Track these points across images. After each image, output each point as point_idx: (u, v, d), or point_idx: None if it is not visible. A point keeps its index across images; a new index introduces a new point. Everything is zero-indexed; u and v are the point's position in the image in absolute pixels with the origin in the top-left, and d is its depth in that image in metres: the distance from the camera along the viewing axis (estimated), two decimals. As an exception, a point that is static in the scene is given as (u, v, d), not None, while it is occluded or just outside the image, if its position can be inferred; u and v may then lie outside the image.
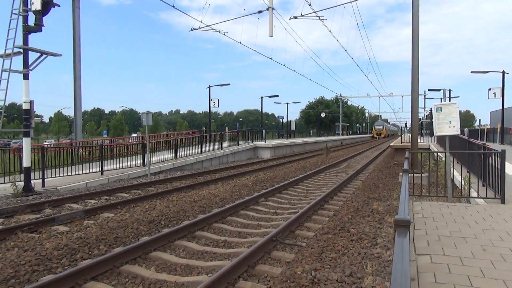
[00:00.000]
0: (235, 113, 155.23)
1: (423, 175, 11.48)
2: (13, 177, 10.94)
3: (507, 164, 6.74)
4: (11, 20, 10.41)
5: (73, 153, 16.35)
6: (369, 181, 12.98)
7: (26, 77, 10.50)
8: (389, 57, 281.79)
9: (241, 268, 4.66)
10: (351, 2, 17.87)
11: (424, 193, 8.91)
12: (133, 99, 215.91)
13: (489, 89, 23.66)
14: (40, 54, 10.82)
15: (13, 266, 4.86)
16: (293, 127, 55.74)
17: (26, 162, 10.47)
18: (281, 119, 58.48)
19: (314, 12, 17.73)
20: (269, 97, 44.59)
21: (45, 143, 36.56)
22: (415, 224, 5.01)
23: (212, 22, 28.60)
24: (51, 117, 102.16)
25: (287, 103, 54.56)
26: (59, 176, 12.40)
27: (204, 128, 36.75)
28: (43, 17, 10.53)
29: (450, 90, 31.98)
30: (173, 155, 17.60)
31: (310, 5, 17.07)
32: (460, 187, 8.14)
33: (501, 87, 23.14)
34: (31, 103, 10.61)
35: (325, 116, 72.39)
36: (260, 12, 17.62)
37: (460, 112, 9.37)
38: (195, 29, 19.60)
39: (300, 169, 17.01)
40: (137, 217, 7.52)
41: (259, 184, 12.20)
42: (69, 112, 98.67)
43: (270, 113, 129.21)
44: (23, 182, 10.38)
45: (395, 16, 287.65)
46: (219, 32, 19.62)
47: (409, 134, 26.02)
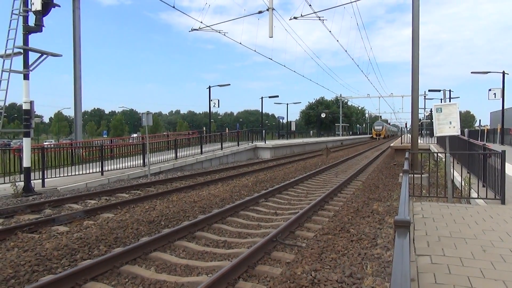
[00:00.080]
0: (235, 114, 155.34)
1: (423, 175, 11.49)
2: (13, 177, 10.94)
3: (507, 164, 6.74)
4: (11, 21, 10.42)
5: (73, 154, 16.36)
6: (369, 181, 12.97)
7: (26, 77, 10.51)
8: (389, 58, 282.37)
9: (241, 269, 4.66)
10: (351, 2, 17.90)
11: (424, 193, 8.92)
12: (133, 99, 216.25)
13: (489, 90, 23.67)
14: (40, 54, 10.83)
15: (13, 266, 4.86)
16: (293, 128, 55.81)
17: (26, 162, 10.48)
18: (281, 120, 58.57)
19: (314, 13, 17.75)
20: (269, 97, 44.63)
21: (45, 143, 36.57)
22: (415, 225, 5.01)
23: (212, 23, 28.61)
24: (51, 117, 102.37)
25: (287, 104, 54.65)
26: (59, 177, 12.40)
27: (204, 129, 36.76)
28: (43, 18, 10.53)
29: (450, 91, 32.01)
30: (173, 155, 17.60)
31: (310, 5, 17.10)
32: (460, 188, 8.14)
33: (501, 87, 23.14)
34: (31, 103, 10.62)
35: (325, 116, 72.48)
36: (260, 12, 17.65)
37: (460, 112, 9.38)
38: (195, 29, 19.61)
39: (300, 169, 17.01)
40: (137, 217, 7.52)
41: (259, 185, 12.20)
42: (69, 113, 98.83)
43: (270, 114, 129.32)
44: (23, 182, 10.39)
45: (395, 17, 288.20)
46: (219, 32, 19.66)
47: (409, 135, 26.03)
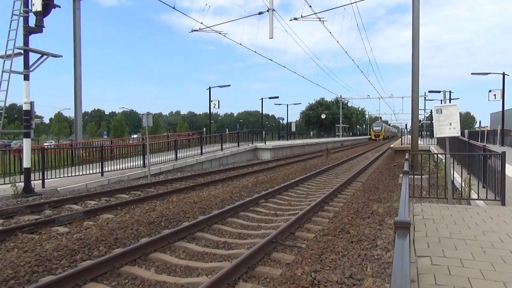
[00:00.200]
0: (235, 114, 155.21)
1: (423, 176, 11.47)
2: (13, 178, 10.95)
3: (507, 166, 6.74)
4: (11, 21, 10.42)
5: (73, 154, 16.36)
6: (369, 182, 12.97)
7: (26, 78, 10.51)
8: (390, 59, 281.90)
9: (241, 270, 4.65)
10: (352, 3, 17.92)
11: (424, 194, 8.92)
12: (134, 100, 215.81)
13: (490, 91, 23.67)
14: (40, 55, 10.83)
15: (12, 267, 4.86)
16: (293, 129, 55.84)
17: (26, 163, 10.48)
18: (281, 121, 58.56)
19: (315, 14, 17.75)
20: (269, 98, 44.62)
21: (45, 144, 36.57)
22: (415, 226, 5.01)
23: (213, 24, 28.61)
24: (51, 118, 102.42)
25: (287, 105, 54.62)
26: (59, 177, 12.40)
27: (204, 129, 36.77)
28: (44, 18, 10.55)
29: (450, 92, 31.97)
30: (173, 156, 17.60)
31: (311, 6, 17.10)
32: (460, 189, 8.13)
33: (502, 88, 23.15)
34: (32, 104, 10.62)
35: (325, 117, 72.50)
36: (260, 13, 17.64)
37: (460, 113, 9.38)
38: (195, 30, 19.61)
39: (300, 170, 17.00)
40: (137, 218, 7.51)
41: (259, 186, 12.20)
42: (70, 113, 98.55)
43: (270, 115, 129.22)
44: (23, 183, 10.39)
45: (395, 18, 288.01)
46: (220, 33, 19.66)
47: (409, 136, 26.02)
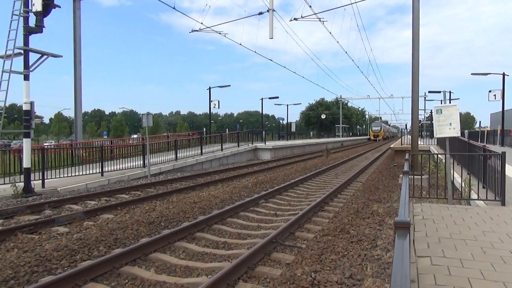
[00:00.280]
0: (235, 115, 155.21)
1: (423, 177, 11.48)
2: (13, 178, 10.95)
3: (507, 166, 6.74)
4: (11, 21, 10.43)
5: (73, 154, 16.36)
6: (369, 182, 12.97)
7: (26, 78, 10.51)
8: (390, 59, 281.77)
9: (241, 270, 4.65)
10: (352, 4, 17.91)
11: (424, 195, 8.92)
12: (134, 100, 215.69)
13: (490, 91, 23.66)
14: (40, 55, 10.83)
15: (12, 267, 4.86)
16: (293, 129, 55.80)
17: (26, 163, 10.48)
18: (281, 121, 58.53)
19: (315, 14, 17.75)
20: (269, 98, 44.58)
21: (45, 144, 36.57)
22: (415, 226, 5.01)
23: (213, 24, 28.63)
24: (51, 118, 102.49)
25: (287, 105, 54.58)
26: (59, 177, 12.40)
27: (204, 129, 36.77)
28: (44, 18, 10.55)
29: (450, 92, 31.97)
30: (173, 156, 17.60)
31: (311, 6, 17.10)
32: (460, 189, 8.13)
33: (502, 89, 23.14)
34: (32, 104, 10.62)
35: (325, 117, 72.48)
36: (260, 13, 17.63)
37: (460, 114, 9.38)
38: (195, 30, 19.61)
39: (300, 170, 17.00)
40: (137, 218, 7.51)
41: (259, 186, 12.20)
42: (70, 113, 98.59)
43: (270, 115, 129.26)
44: (23, 183, 10.39)
45: (395, 18, 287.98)
46: (220, 33, 19.67)
47: (409, 136, 26.03)
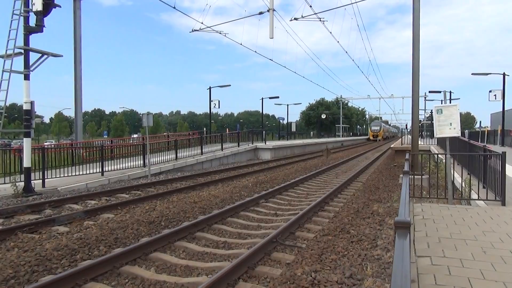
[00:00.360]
0: (235, 114, 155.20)
1: (423, 177, 11.47)
2: (13, 177, 10.95)
3: (507, 166, 6.73)
4: (12, 21, 10.43)
5: (74, 154, 16.37)
6: (370, 182, 12.97)
7: (27, 77, 10.51)
8: (390, 59, 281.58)
9: (241, 269, 4.65)
10: (352, 3, 17.91)
11: (424, 195, 8.91)
12: (134, 100, 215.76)
13: (490, 91, 23.65)
14: (41, 54, 10.83)
15: (13, 266, 4.86)
16: (293, 129, 55.81)
17: (27, 163, 10.48)
18: (281, 121, 58.47)
19: (315, 14, 17.75)
20: (269, 98, 44.57)
21: (45, 143, 36.56)
22: (415, 226, 5.01)
23: (213, 24, 28.62)
24: (51, 117, 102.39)
25: (287, 105, 54.56)
26: (60, 177, 12.40)
27: (204, 129, 36.76)
28: (44, 18, 10.54)
29: (450, 92, 31.95)
30: (174, 156, 17.60)
31: (311, 6, 17.10)
32: (460, 189, 8.12)
33: (502, 89, 23.14)
34: (32, 103, 10.62)
35: (325, 117, 72.48)
36: (261, 13, 17.64)
37: (461, 114, 9.37)
38: (195, 30, 19.62)
39: (300, 170, 17.01)
40: (137, 218, 7.51)
41: (259, 185, 12.20)
42: (70, 113, 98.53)
43: (270, 115, 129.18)
44: (23, 183, 10.39)
45: (396, 18, 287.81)
46: (220, 33, 19.67)
47: (409, 136, 26.02)
